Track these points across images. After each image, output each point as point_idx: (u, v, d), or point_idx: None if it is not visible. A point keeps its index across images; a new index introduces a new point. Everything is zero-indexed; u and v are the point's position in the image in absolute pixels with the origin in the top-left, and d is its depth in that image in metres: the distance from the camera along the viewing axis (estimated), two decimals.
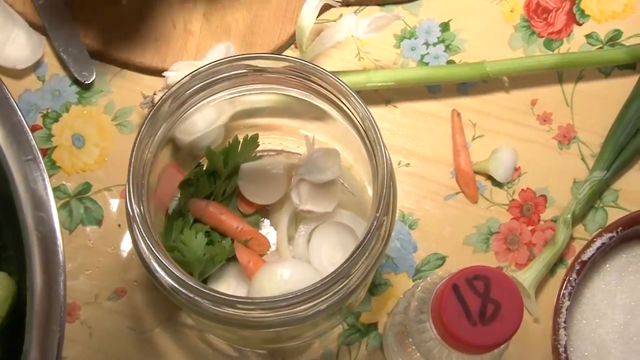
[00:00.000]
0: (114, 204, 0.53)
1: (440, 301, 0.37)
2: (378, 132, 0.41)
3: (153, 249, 0.39)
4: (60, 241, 0.44)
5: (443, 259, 0.53)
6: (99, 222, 0.53)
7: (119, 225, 0.54)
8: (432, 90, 0.56)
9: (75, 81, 0.56)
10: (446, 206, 0.56)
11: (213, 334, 0.53)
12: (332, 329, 0.53)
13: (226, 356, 0.53)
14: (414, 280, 0.55)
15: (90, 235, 0.53)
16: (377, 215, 0.39)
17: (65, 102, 0.55)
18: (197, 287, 0.39)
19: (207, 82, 0.41)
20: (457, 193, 0.55)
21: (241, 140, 0.49)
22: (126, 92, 0.57)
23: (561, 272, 0.53)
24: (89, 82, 0.56)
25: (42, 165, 0.45)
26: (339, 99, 0.42)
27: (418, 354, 0.44)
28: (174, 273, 0.39)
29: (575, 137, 0.57)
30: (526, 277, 0.50)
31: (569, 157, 0.57)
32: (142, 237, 0.40)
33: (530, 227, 0.54)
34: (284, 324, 0.41)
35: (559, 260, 0.52)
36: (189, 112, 0.43)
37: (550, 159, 0.57)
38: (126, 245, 0.54)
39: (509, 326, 0.36)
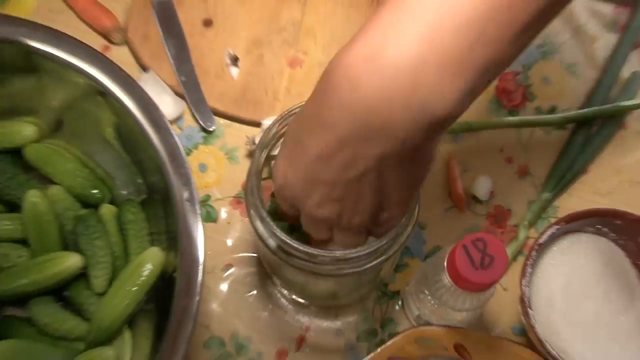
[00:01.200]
0: (225, 210, 0.56)
1: (454, 256, 0.40)
2: None
3: (265, 220, 0.41)
4: (201, 227, 0.44)
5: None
6: (214, 221, 0.55)
7: (228, 223, 0.56)
8: None
9: (202, 129, 0.58)
10: (445, 215, 0.57)
11: (294, 292, 0.54)
12: (371, 292, 0.54)
13: (299, 307, 0.54)
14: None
15: (209, 229, 0.55)
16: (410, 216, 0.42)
17: (195, 142, 0.57)
18: (294, 244, 0.40)
19: (285, 122, 0.43)
20: (452, 207, 0.57)
21: None
22: (234, 136, 0.59)
23: (521, 259, 0.54)
24: (211, 130, 0.58)
25: (190, 172, 0.45)
26: None
27: (432, 300, 0.47)
28: (278, 236, 0.40)
29: (529, 172, 0.59)
30: None
31: (526, 184, 0.59)
32: (257, 213, 0.42)
33: (500, 230, 0.56)
34: (349, 275, 0.42)
35: (519, 251, 0.54)
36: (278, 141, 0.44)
37: (513, 186, 0.59)
38: (233, 235, 0.56)
39: (499, 271, 0.40)
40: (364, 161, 0.33)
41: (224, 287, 0.54)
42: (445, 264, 0.42)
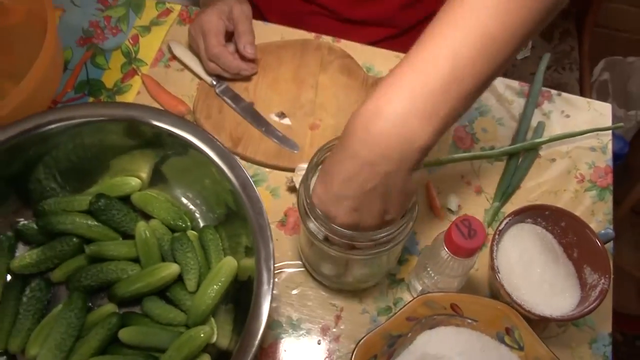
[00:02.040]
0: (273, 230, 0.57)
1: (450, 232, 0.46)
2: None
3: (318, 217, 0.45)
4: (272, 245, 0.48)
5: None
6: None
7: (277, 240, 0.60)
8: None
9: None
10: (429, 223, 0.62)
11: (329, 282, 0.58)
12: (383, 280, 0.59)
13: (333, 294, 0.59)
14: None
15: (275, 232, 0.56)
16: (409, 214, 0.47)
17: None
18: (340, 230, 0.45)
19: (323, 153, 0.48)
20: (433, 217, 0.63)
21: None
22: (275, 179, 0.65)
23: (485, 249, 0.59)
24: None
25: (263, 206, 0.49)
26: None
27: (432, 273, 0.52)
28: (330, 227, 0.45)
29: (482, 190, 0.65)
30: None
31: (481, 198, 0.64)
32: (312, 213, 0.46)
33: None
34: (375, 254, 0.48)
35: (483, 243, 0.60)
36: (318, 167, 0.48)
37: (473, 200, 0.64)
38: (280, 249, 0.60)
39: (481, 238, 0.46)
40: (376, 177, 0.42)
41: (278, 285, 0.59)
42: (443, 241, 0.48)
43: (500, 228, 0.55)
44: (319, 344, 0.57)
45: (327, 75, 0.71)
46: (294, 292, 0.59)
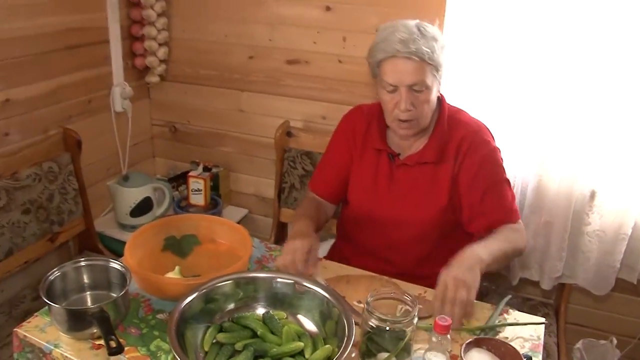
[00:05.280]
0: None
1: (436, 320, 1.04)
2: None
3: None
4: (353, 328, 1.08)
5: None
6: None
7: None
8: None
9: None
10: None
11: None
12: None
13: None
14: None
15: None
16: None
17: None
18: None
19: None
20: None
21: None
22: None
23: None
24: None
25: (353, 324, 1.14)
26: None
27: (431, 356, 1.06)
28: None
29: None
30: None
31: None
32: None
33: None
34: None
35: None
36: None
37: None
38: None
39: (449, 325, 1.03)
40: (474, 273, 1.11)
41: None
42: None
43: (467, 342, 1.09)
44: None
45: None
46: None
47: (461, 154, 1.33)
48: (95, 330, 1.06)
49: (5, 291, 1.76)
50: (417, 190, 1.37)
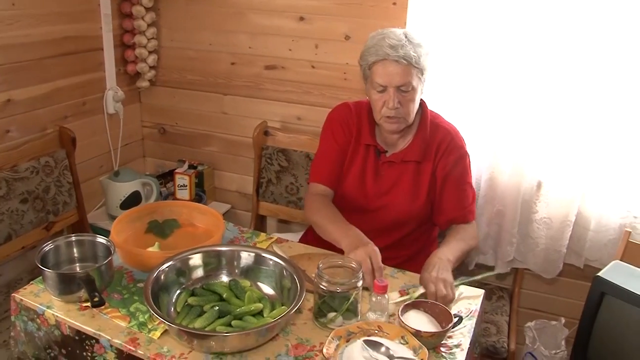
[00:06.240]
0: None
1: (375, 282, 1.19)
2: None
3: None
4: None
5: None
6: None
7: None
8: None
9: None
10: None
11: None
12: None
13: None
14: None
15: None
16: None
17: None
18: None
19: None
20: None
21: None
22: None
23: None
24: None
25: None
26: None
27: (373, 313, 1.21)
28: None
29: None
30: None
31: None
32: None
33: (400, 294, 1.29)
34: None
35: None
36: None
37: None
38: None
39: (386, 286, 1.19)
40: (449, 273, 1.30)
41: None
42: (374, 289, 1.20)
43: (404, 304, 1.26)
44: None
45: None
46: None
47: (439, 155, 1.46)
48: (82, 294, 1.21)
49: (3, 275, 1.90)
50: (400, 186, 1.48)
